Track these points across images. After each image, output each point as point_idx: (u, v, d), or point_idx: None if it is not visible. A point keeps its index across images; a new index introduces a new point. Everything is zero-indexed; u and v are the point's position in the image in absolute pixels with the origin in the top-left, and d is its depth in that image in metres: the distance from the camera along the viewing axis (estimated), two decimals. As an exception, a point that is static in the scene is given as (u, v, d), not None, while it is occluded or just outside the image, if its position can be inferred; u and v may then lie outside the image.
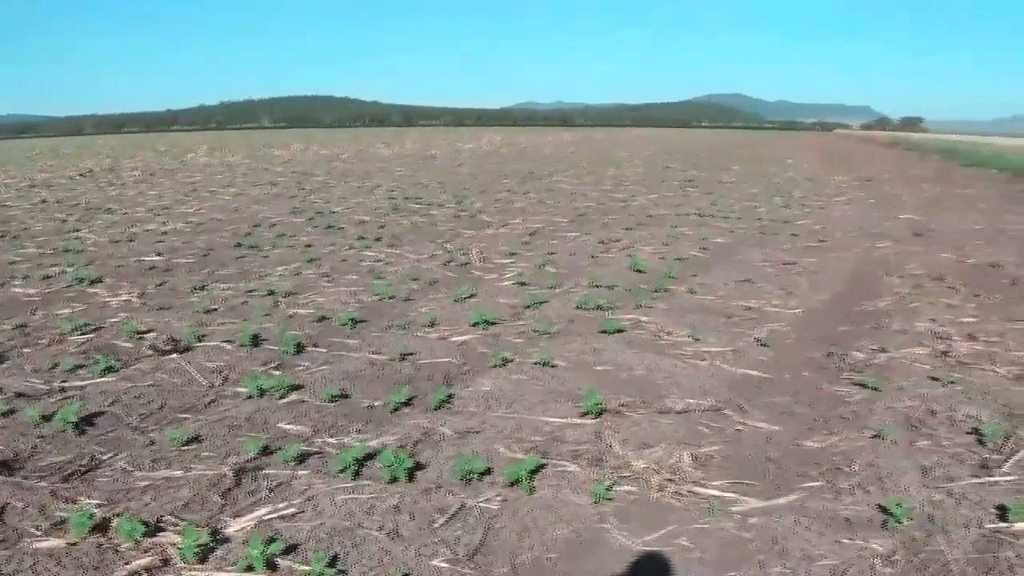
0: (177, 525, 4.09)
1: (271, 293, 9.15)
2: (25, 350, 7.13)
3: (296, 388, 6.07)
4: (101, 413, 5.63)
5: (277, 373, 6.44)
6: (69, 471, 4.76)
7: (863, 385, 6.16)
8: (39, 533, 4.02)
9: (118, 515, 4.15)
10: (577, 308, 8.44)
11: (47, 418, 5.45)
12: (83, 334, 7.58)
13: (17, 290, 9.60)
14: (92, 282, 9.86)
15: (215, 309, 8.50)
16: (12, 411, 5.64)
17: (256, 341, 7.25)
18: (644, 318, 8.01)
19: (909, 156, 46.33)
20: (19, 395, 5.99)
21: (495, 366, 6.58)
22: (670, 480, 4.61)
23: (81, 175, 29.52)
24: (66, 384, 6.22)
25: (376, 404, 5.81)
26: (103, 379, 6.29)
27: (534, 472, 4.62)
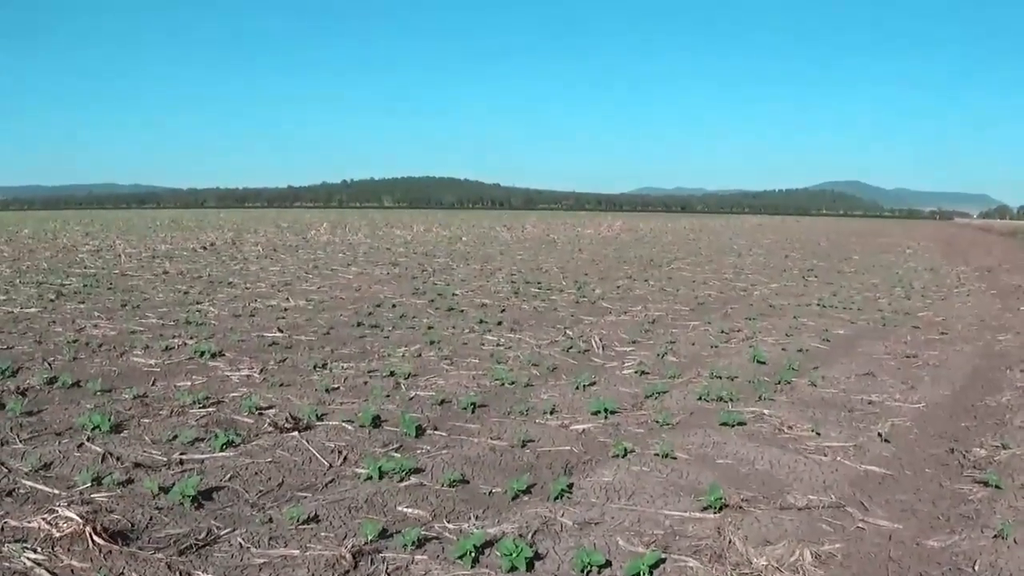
0: (293, 606, 4.04)
1: (392, 374, 9.11)
2: (144, 420, 7.20)
3: (416, 471, 6.00)
4: (220, 488, 5.63)
5: (397, 455, 6.37)
6: (185, 544, 4.73)
7: (985, 483, 5.96)
8: (154, 608, 4.00)
9: (234, 593, 4.11)
10: (699, 399, 8.26)
11: (165, 490, 5.46)
12: (203, 407, 7.63)
13: (138, 360, 9.74)
14: (213, 355, 9.96)
15: (336, 388, 8.51)
16: (130, 481, 5.67)
17: (376, 422, 7.20)
18: (766, 411, 7.82)
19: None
20: (137, 465, 6.02)
21: (615, 456, 6.43)
22: (791, 579, 4.44)
23: (203, 247, 30.24)
24: (185, 456, 6.24)
25: (496, 491, 5.71)
26: (222, 453, 6.31)
27: (654, 567, 4.48)
